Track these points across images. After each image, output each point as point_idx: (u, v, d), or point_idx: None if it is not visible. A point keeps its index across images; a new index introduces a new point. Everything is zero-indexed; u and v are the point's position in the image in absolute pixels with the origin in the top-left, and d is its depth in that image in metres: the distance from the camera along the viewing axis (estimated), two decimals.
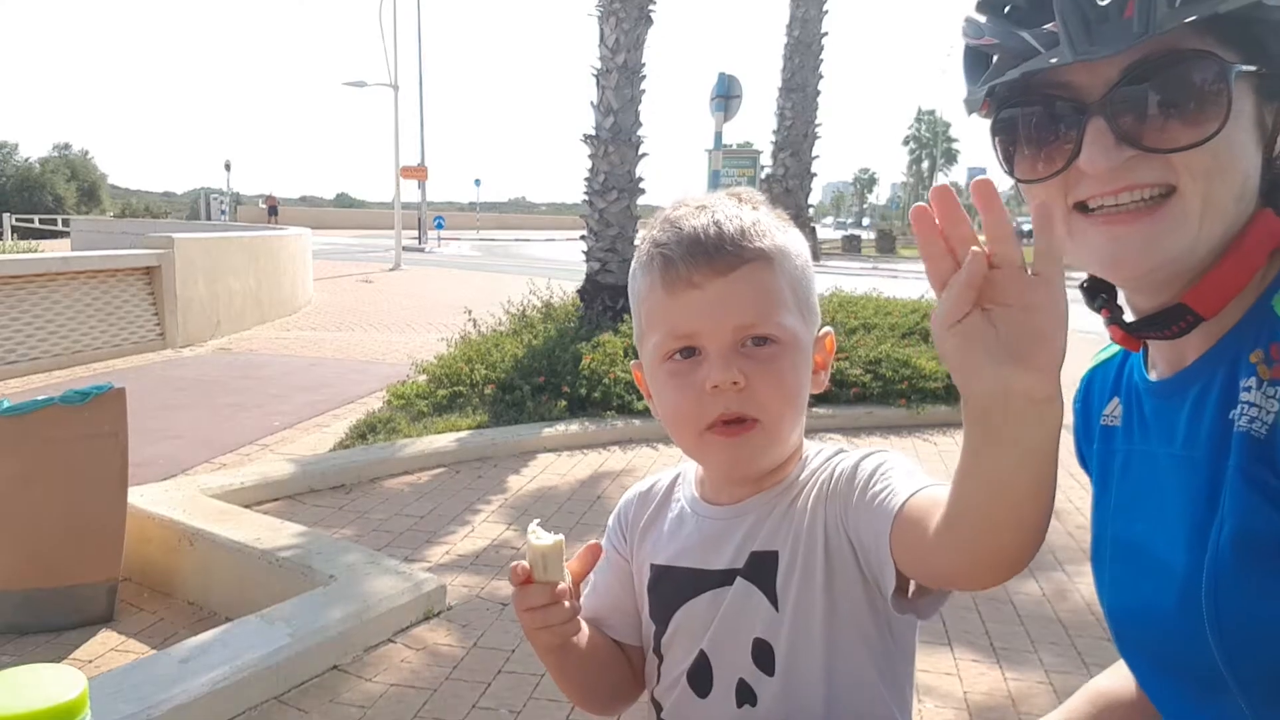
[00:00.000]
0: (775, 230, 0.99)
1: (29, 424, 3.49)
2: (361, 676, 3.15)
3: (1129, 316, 0.94)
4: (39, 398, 3.61)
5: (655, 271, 0.99)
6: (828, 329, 1.06)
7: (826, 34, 11.65)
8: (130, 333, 9.88)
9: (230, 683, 2.84)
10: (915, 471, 0.93)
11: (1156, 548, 0.90)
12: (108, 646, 3.51)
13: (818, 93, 11.86)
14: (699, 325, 0.96)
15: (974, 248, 0.64)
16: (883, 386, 7.26)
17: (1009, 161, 0.89)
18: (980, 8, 0.88)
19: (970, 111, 0.93)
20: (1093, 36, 0.77)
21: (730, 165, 13.51)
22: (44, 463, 3.53)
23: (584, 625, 1.05)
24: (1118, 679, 1.16)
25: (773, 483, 1.03)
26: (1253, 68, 0.79)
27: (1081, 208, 0.85)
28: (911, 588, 0.94)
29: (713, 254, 0.95)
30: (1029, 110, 0.85)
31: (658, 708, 1.09)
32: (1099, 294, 0.95)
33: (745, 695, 1.00)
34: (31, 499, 3.54)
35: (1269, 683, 0.80)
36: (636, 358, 1.09)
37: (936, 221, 0.66)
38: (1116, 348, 1.04)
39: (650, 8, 9.00)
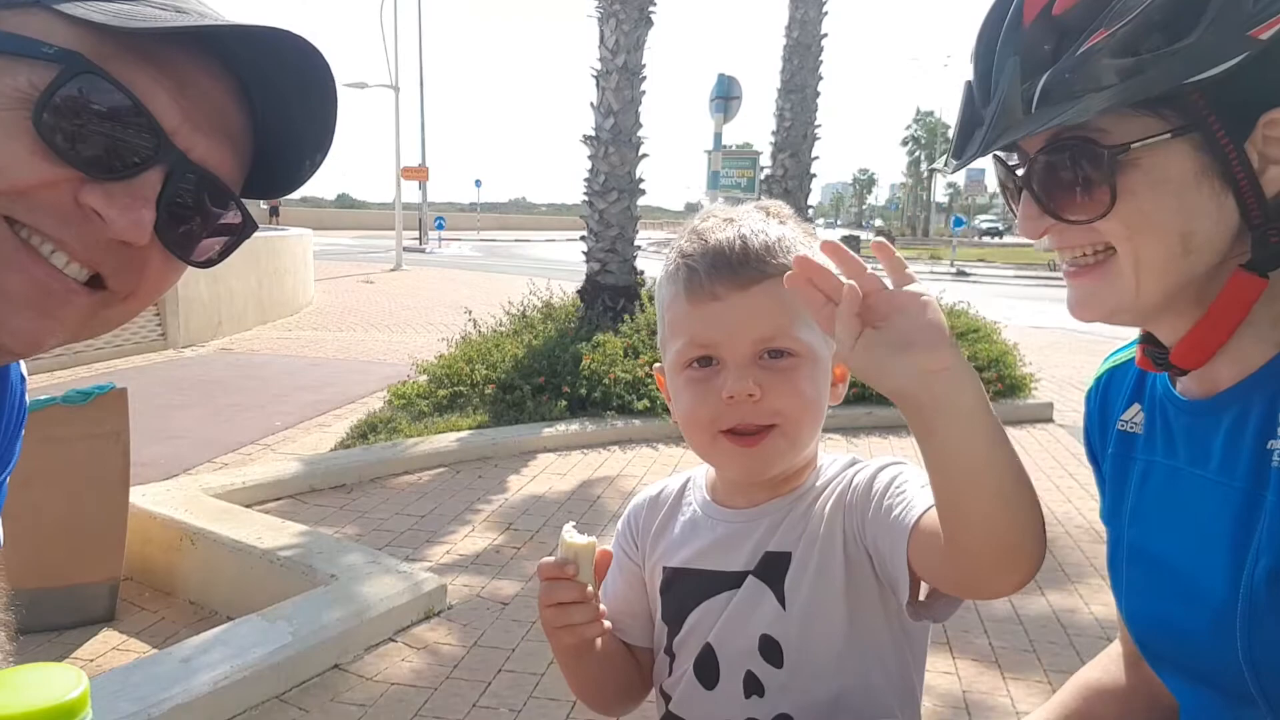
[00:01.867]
0: (800, 245, 1.01)
1: (31, 424, 3.48)
2: (362, 675, 3.16)
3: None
4: (41, 397, 3.62)
5: (680, 282, 1.02)
6: None
7: (826, 35, 11.63)
8: (132, 333, 9.88)
9: (231, 682, 2.85)
10: (930, 484, 0.95)
11: (1187, 568, 0.91)
12: (109, 646, 3.52)
13: (817, 94, 11.82)
14: (718, 336, 0.99)
15: (847, 284, 0.77)
16: None
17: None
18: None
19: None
20: (963, 148, 0.86)
21: (730, 166, 13.48)
22: (46, 462, 3.53)
23: (606, 625, 1.05)
24: (1106, 670, 1.17)
25: (789, 489, 1.05)
26: (1164, 135, 0.80)
27: None
28: (923, 592, 0.96)
29: (736, 268, 0.98)
30: (1003, 182, 0.93)
31: (666, 699, 1.10)
32: None
33: (753, 687, 1.01)
34: (33, 498, 3.54)
35: None
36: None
37: (812, 281, 0.79)
38: (1132, 349, 1.05)
39: (650, 9, 8.99)
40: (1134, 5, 0.79)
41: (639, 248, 9.44)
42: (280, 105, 0.77)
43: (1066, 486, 5.36)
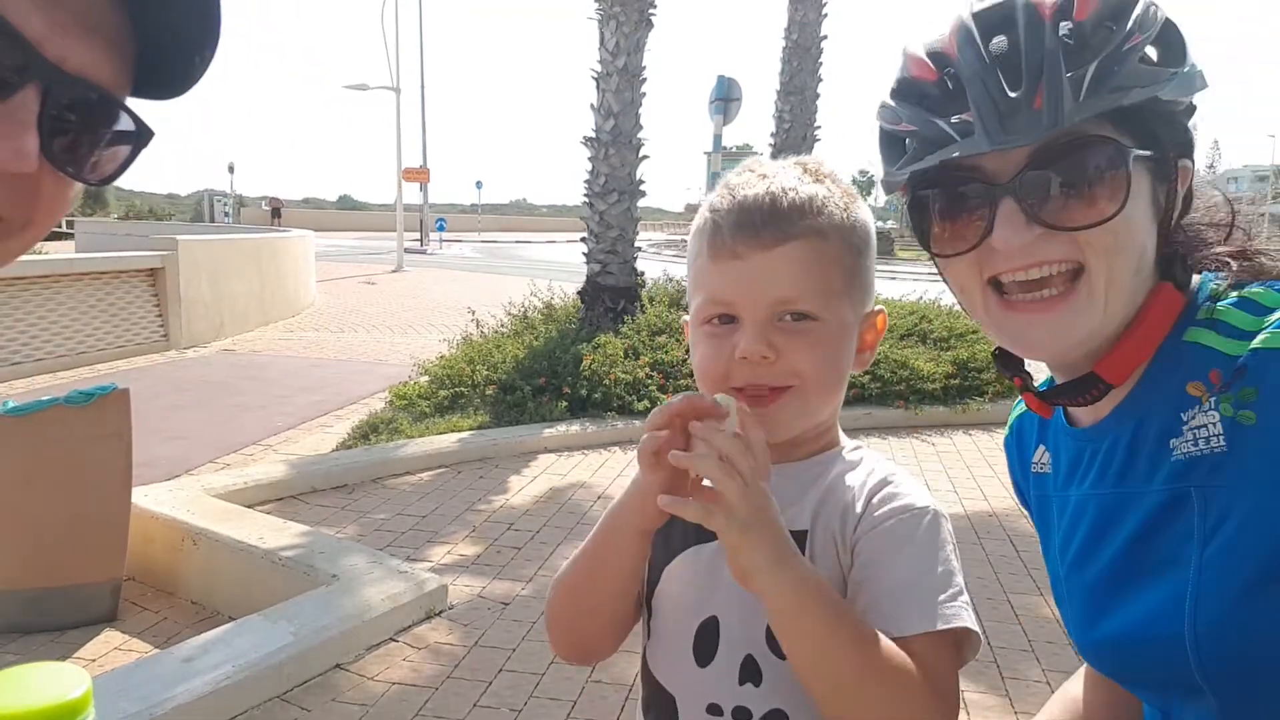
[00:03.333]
0: (834, 207, 0.98)
1: (34, 424, 3.52)
2: (363, 675, 3.17)
3: (1039, 379, 1.03)
4: (44, 398, 3.63)
5: (705, 236, 1.00)
6: (880, 308, 1.05)
7: (825, 37, 11.62)
8: (134, 334, 9.91)
9: (233, 682, 2.87)
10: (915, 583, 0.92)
11: (1119, 581, 0.93)
12: (111, 646, 3.53)
13: (816, 95, 11.81)
14: (737, 295, 0.96)
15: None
16: (881, 388, 7.26)
17: (925, 238, 0.95)
18: (895, 95, 0.93)
19: (889, 192, 0.99)
20: (1005, 126, 0.84)
21: (730, 168, 13.47)
22: (48, 463, 3.55)
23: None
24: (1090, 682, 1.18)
25: (803, 455, 1.01)
26: (1147, 152, 0.86)
27: (995, 285, 0.91)
28: None
29: (759, 227, 0.95)
30: (944, 191, 0.91)
31: (648, 670, 1.05)
32: (1010, 363, 1.02)
33: (750, 673, 0.96)
34: (36, 499, 3.56)
35: (1242, 690, 0.84)
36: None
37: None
38: None
39: (650, 11, 9.00)
40: (1150, 22, 0.84)
41: (639, 249, 9.44)
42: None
43: None
